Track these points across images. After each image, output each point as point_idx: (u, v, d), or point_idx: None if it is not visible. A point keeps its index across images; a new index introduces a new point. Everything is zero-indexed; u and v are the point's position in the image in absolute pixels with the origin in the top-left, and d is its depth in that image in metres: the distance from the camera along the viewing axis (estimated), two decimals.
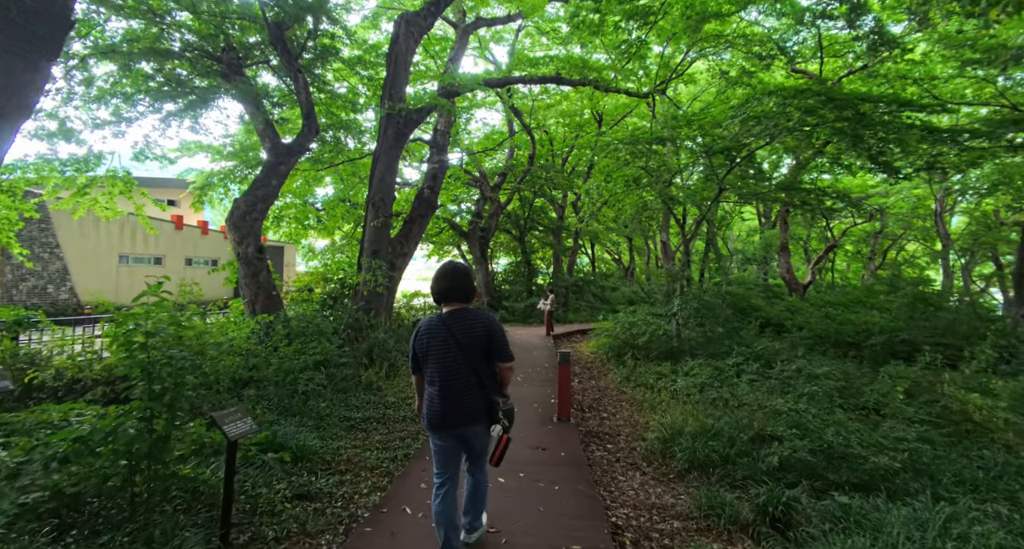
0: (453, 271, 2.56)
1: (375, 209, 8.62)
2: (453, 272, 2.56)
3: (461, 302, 2.54)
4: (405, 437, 4.77)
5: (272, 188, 7.70)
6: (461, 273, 2.56)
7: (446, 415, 2.41)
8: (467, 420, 2.43)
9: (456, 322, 2.46)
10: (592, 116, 19.28)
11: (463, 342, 2.41)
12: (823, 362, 7.20)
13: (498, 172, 19.46)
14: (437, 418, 2.42)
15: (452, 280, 2.53)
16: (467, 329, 2.44)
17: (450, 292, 2.53)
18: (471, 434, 2.49)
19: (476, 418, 2.44)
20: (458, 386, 2.41)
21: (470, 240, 18.91)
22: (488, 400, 2.47)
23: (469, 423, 2.44)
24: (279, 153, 7.77)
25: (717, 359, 7.70)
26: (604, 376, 8.51)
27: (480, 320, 2.49)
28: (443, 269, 2.60)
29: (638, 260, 32.68)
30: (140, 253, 16.65)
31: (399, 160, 9.08)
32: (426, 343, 2.49)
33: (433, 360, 2.45)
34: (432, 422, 2.45)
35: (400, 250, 9.10)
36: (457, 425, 2.43)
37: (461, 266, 2.62)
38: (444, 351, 2.43)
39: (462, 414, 2.41)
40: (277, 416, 4.64)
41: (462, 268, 2.61)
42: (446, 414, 2.41)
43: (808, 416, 4.25)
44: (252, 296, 7.29)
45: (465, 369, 2.42)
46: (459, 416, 2.42)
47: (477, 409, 2.44)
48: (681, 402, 6.32)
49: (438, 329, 2.47)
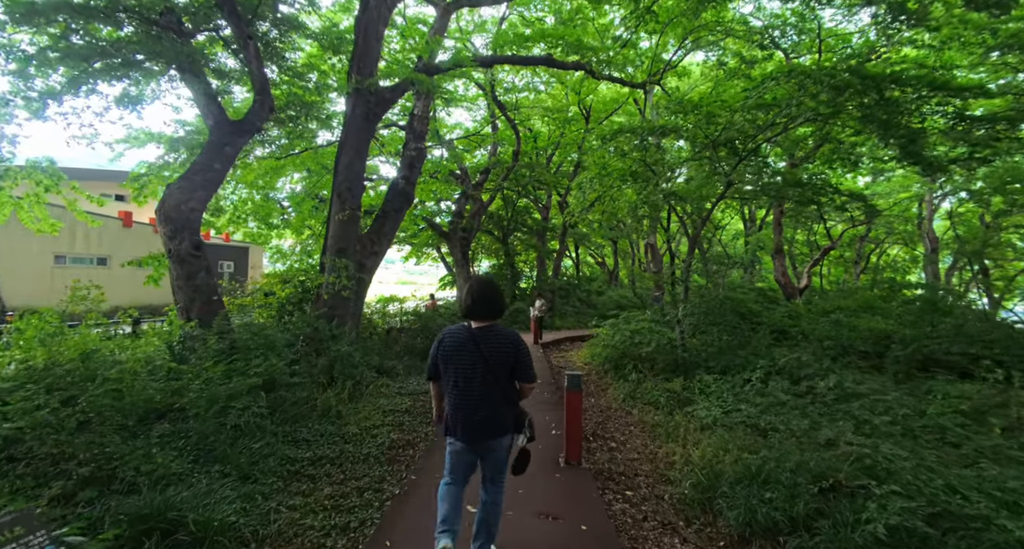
0: (486, 288, 2.54)
1: (341, 200, 7.45)
2: (486, 289, 2.53)
3: (491, 319, 2.51)
4: (367, 487, 3.63)
5: (215, 173, 6.46)
6: (494, 290, 2.54)
7: (467, 428, 2.42)
8: (489, 434, 2.44)
9: (485, 338, 2.44)
10: (579, 112, 18.42)
11: (490, 359, 2.41)
12: (852, 376, 6.32)
13: (480, 169, 18.39)
14: (461, 429, 2.43)
15: (484, 296, 2.49)
16: (495, 347, 2.43)
17: (482, 308, 2.49)
18: (490, 448, 2.48)
19: (498, 432, 2.45)
20: (481, 401, 2.41)
21: (450, 241, 17.76)
22: (513, 412, 2.50)
23: (490, 437, 2.45)
24: (224, 132, 6.54)
25: (733, 373, 6.76)
26: (604, 392, 7.49)
27: (509, 339, 2.47)
28: (477, 285, 2.55)
29: (621, 263, 31.99)
30: (81, 253, 14.95)
31: (369, 145, 7.93)
32: (450, 354, 2.46)
33: (456, 372, 2.44)
34: (454, 433, 2.47)
35: (370, 248, 7.94)
36: (477, 439, 2.44)
37: (493, 283, 2.60)
38: (469, 365, 2.42)
39: (484, 428, 2.42)
40: (191, 464, 3.45)
41: (494, 285, 2.59)
42: (467, 427, 2.42)
43: (891, 456, 3.28)
44: (187, 301, 6.04)
45: (490, 385, 2.42)
46: (480, 430, 2.42)
47: (500, 423, 2.45)
48: (703, 428, 5.33)
49: (465, 343, 2.44)
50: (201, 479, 3.27)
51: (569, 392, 4.00)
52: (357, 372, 6.25)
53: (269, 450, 3.95)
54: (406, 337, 9.06)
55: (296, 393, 5.30)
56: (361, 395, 5.92)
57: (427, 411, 5.71)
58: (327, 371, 6.01)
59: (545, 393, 6.92)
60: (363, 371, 6.42)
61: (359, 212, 7.65)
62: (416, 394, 6.33)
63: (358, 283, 7.64)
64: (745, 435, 4.69)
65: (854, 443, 3.60)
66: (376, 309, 11.28)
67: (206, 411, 3.93)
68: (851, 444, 3.59)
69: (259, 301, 8.30)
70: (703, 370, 7.05)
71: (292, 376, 5.29)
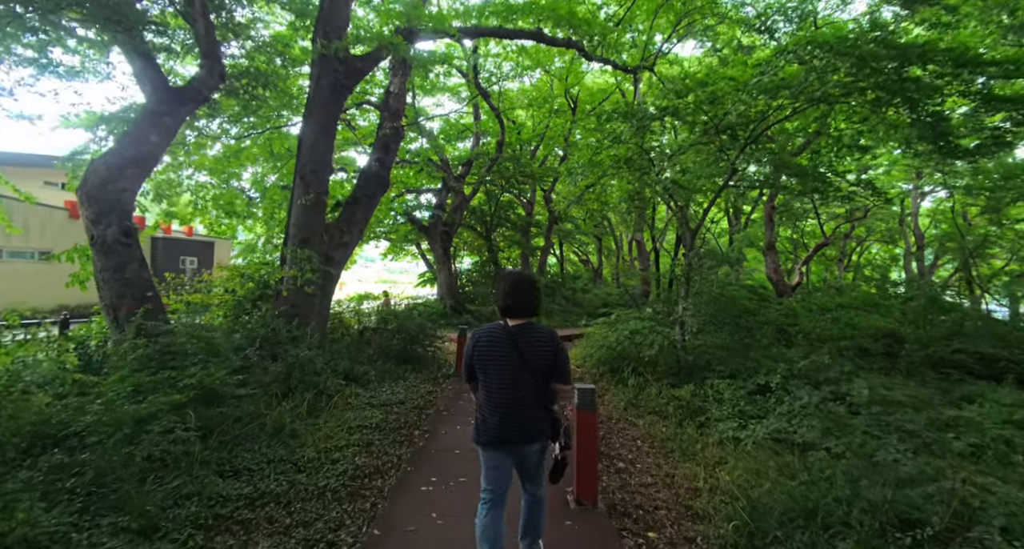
0: (523, 283, 2.40)
1: (304, 183, 6.54)
2: (523, 285, 2.39)
3: (528, 317, 2.38)
4: (318, 538, 2.78)
5: (151, 147, 5.48)
6: (532, 286, 2.40)
7: (505, 431, 2.29)
8: (527, 438, 2.33)
9: (523, 337, 2.32)
10: (566, 102, 17.69)
11: (529, 358, 2.29)
12: (878, 380, 5.72)
13: (463, 161, 17.52)
14: (495, 434, 2.30)
15: (521, 293, 2.36)
16: (534, 345, 2.31)
17: (518, 306, 2.36)
18: (529, 452, 2.36)
19: (536, 435, 2.35)
20: (520, 403, 2.29)
21: (431, 236, 16.86)
22: (550, 417, 2.39)
23: (529, 441, 2.34)
24: (163, 99, 5.57)
25: (743, 377, 6.09)
26: (601, 398, 6.75)
27: (548, 337, 2.36)
28: (513, 281, 2.40)
29: (605, 261, 31.49)
30: (19, 246, 13.55)
31: (337, 122, 7.03)
32: (486, 354, 2.33)
33: (494, 374, 2.31)
34: (488, 439, 2.31)
35: (339, 239, 7.04)
36: (516, 442, 2.32)
37: (530, 279, 2.45)
38: (508, 366, 2.29)
39: (523, 431, 2.31)
40: (75, 514, 2.55)
41: (532, 281, 2.44)
42: (505, 430, 2.29)
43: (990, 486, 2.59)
44: (114, 298, 5.05)
45: (529, 385, 2.29)
46: (520, 433, 2.31)
47: (538, 426, 2.35)
48: (722, 443, 4.63)
49: (502, 342, 2.32)
50: (83, 537, 2.39)
51: (580, 412, 3.15)
52: (320, 380, 5.37)
53: (193, 487, 3.06)
54: (380, 338, 8.18)
55: (243, 407, 4.41)
56: (324, 408, 5.03)
57: (400, 427, 4.87)
58: (283, 380, 5.11)
59: None
60: (327, 379, 5.54)
61: (325, 197, 6.74)
62: (389, 405, 5.48)
63: (324, 278, 6.74)
64: (776, 453, 3.99)
65: (935, 470, 2.90)
66: (349, 308, 10.35)
67: (108, 437, 3.03)
68: (938, 476, 2.89)
69: (217, 298, 7.32)
70: (710, 374, 6.37)
71: (238, 387, 4.39)
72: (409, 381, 6.74)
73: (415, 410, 5.42)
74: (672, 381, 6.46)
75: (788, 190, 9.02)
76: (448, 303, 16.11)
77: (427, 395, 6.08)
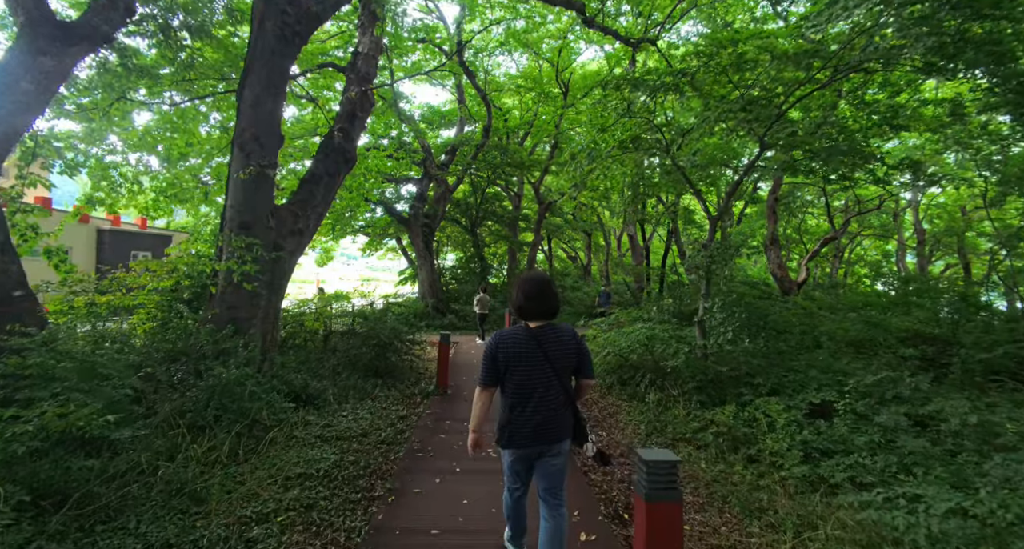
0: (542, 285, 2.37)
1: (244, 153, 5.19)
2: (542, 286, 2.37)
3: (548, 318, 2.37)
4: None
5: (22, 98, 4.08)
6: (550, 286, 2.38)
7: (532, 433, 2.28)
8: (555, 437, 2.32)
9: (546, 338, 2.32)
10: (557, 86, 16.45)
11: (553, 358, 2.30)
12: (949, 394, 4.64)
13: (446, 148, 16.19)
14: (522, 436, 2.29)
15: (541, 295, 2.35)
16: (558, 345, 2.32)
17: (539, 308, 2.34)
18: (553, 452, 2.34)
19: (561, 435, 2.35)
20: (549, 403, 2.29)
21: (411, 229, 15.50)
22: (576, 417, 2.41)
23: (556, 440, 2.33)
24: (43, 34, 4.17)
25: (790, 394, 4.97)
26: (614, 419, 5.56)
27: (570, 335, 2.38)
28: (533, 285, 2.37)
29: (594, 258, 30.44)
30: None
31: (288, 78, 5.68)
32: (511, 358, 2.29)
33: (521, 377, 2.29)
34: (514, 442, 2.30)
35: (292, 225, 5.70)
36: (544, 442, 2.31)
37: (549, 281, 2.41)
38: (535, 367, 2.29)
39: (551, 431, 2.31)
40: None
41: (549, 281, 2.42)
42: (532, 432, 2.28)
43: None
44: None
45: (556, 385, 2.30)
46: (548, 433, 2.30)
47: (563, 426, 2.34)
48: (797, 491, 3.47)
49: (526, 344, 2.30)
50: None
51: (652, 505, 1.89)
52: (255, 407, 4.04)
53: None
54: (346, 344, 6.86)
55: (131, 457, 3.09)
56: (256, 447, 3.73)
57: (358, 474, 3.58)
58: (201, 409, 3.78)
59: None
60: (268, 403, 4.22)
61: (273, 172, 5.39)
62: (347, 439, 4.18)
63: (272, 273, 5.41)
64: (887, 509, 2.83)
65: None
66: (314, 309, 8.98)
67: None
68: None
69: (142, 299, 5.91)
70: (746, 389, 5.23)
71: (119, 426, 3.05)
72: (378, 400, 5.45)
73: (381, 446, 4.12)
74: (702, 398, 5.29)
75: (813, 173, 7.94)
76: (430, 302, 14.79)
77: (399, 422, 4.78)
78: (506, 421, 2.31)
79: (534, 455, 2.35)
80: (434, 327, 13.55)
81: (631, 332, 6.77)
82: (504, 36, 15.46)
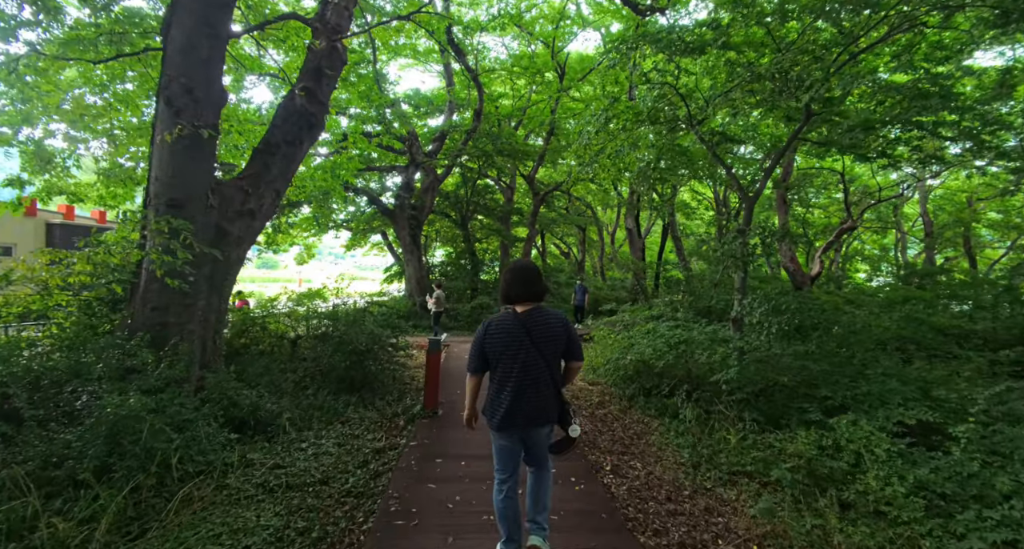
0: (525, 269, 2.43)
1: (172, 108, 4.01)
2: (525, 270, 2.42)
3: (534, 301, 2.40)
4: None
5: None
6: (533, 271, 2.43)
7: (522, 414, 2.31)
8: (542, 420, 2.36)
9: (533, 321, 2.34)
10: (553, 67, 15.33)
11: (540, 341, 2.32)
12: None
13: (434, 136, 15.01)
14: (511, 418, 2.30)
15: (525, 278, 2.38)
16: (544, 328, 2.33)
17: (524, 291, 2.37)
18: (540, 434, 2.40)
19: (550, 417, 2.38)
20: (536, 386, 2.31)
21: (397, 222, 14.30)
22: (560, 400, 2.41)
23: (543, 423, 2.37)
24: None
25: (867, 410, 3.94)
26: (644, 441, 4.49)
27: (557, 319, 2.39)
28: (515, 268, 2.44)
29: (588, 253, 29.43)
30: None
31: (230, 16, 4.49)
32: (499, 342, 2.32)
33: (508, 360, 2.32)
34: (504, 423, 2.31)
35: (242, 204, 4.53)
36: (531, 424, 2.35)
37: (533, 267, 2.46)
38: (521, 351, 2.31)
39: (537, 413, 2.33)
40: None
41: (533, 266, 2.47)
42: (522, 413, 2.30)
43: None
44: None
45: (542, 368, 2.32)
46: (535, 415, 2.33)
47: (550, 409, 2.36)
48: None
49: (514, 328, 2.32)
50: None
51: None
52: (168, 447, 2.90)
53: None
54: (316, 352, 5.71)
55: None
56: (168, 507, 2.59)
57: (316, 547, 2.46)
58: (77, 457, 2.63)
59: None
60: (190, 440, 3.08)
61: (212, 134, 4.22)
62: (301, 488, 3.04)
63: (213, 266, 4.25)
64: None
65: None
66: (281, 309, 7.80)
67: None
68: None
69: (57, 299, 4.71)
70: (810, 405, 4.19)
71: None
72: (350, 425, 4.31)
73: (345, 500, 2.98)
74: (757, 416, 4.24)
75: (856, 149, 6.93)
76: (418, 300, 13.62)
77: (373, 459, 3.61)
78: (493, 403, 2.34)
79: (521, 438, 2.39)
80: (422, 328, 12.41)
81: (652, 333, 5.71)
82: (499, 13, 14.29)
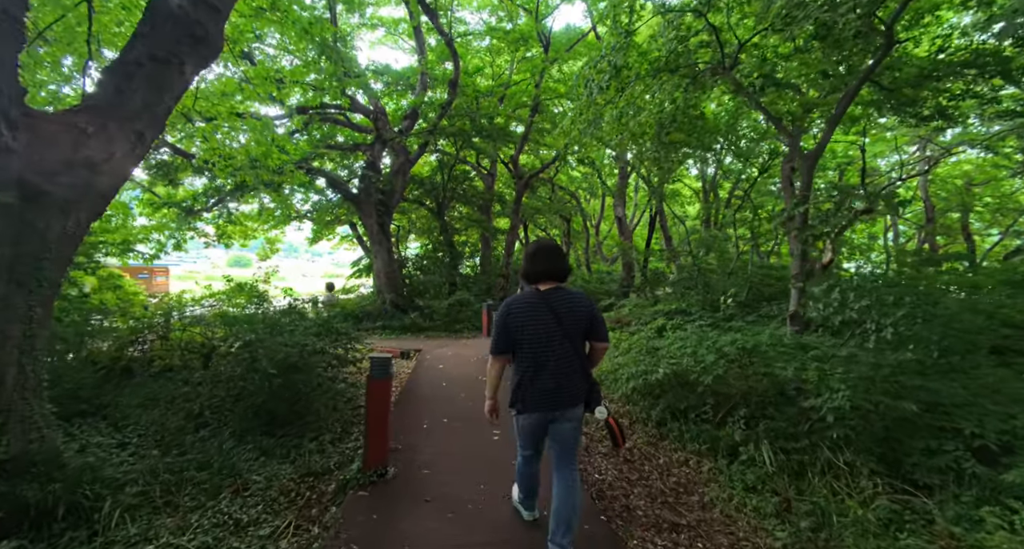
0: (548, 247, 2.40)
1: None
2: (548, 248, 2.39)
3: (558, 280, 2.33)
4: None
5: None
6: (556, 249, 2.40)
7: (549, 396, 2.24)
8: (570, 402, 2.27)
9: (558, 300, 2.26)
10: (536, 38, 13.78)
11: (565, 321, 2.24)
12: None
13: (405, 113, 13.32)
14: (539, 400, 2.24)
15: (549, 256, 2.33)
16: (569, 308, 2.26)
17: (547, 268, 2.31)
18: (568, 417, 2.29)
19: (578, 400, 2.30)
20: (562, 367, 2.24)
21: (363, 208, 12.58)
22: (589, 381, 2.33)
23: (570, 405, 2.28)
24: None
25: None
26: (692, 500, 3.04)
27: (581, 298, 2.32)
28: (541, 247, 2.39)
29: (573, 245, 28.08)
30: None
31: None
32: (523, 321, 2.24)
33: (532, 340, 2.23)
34: (530, 405, 2.26)
35: (73, 150, 2.87)
36: (558, 406, 2.26)
37: (555, 245, 2.44)
38: (546, 331, 2.23)
39: (565, 395, 2.26)
40: None
41: (555, 244, 2.46)
42: (549, 395, 2.23)
43: None
44: None
45: (568, 349, 2.25)
46: (562, 397, 2.25)
47: (577, 389, 2.29)
48: None
49: (538, 307, 2.25)
50: None
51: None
52: None
53: None
54: (232, 370, 4.08)
55: None
56: None
57: None
58: None
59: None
60: None
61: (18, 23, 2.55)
62: None
63: (14, 247, 2.61)
64: None
65: None
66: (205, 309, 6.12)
67: None
68: None
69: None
70: (947, 441, 2.81)
71: None
72: (244, 499, 2.73)
73: None
74: (871, 461, 2.82)
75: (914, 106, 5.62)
76: (387, 297, 11.96)
77: None
78: (519, 386, 2.28)
79: (548, 419, 2.29)
80: (392, 329, 10.77)
81: (692, 338, 4.26)
82: None
